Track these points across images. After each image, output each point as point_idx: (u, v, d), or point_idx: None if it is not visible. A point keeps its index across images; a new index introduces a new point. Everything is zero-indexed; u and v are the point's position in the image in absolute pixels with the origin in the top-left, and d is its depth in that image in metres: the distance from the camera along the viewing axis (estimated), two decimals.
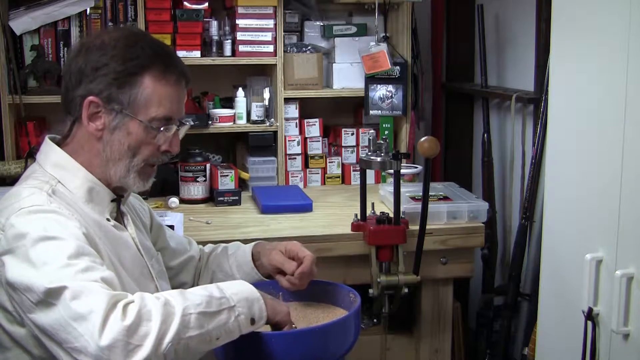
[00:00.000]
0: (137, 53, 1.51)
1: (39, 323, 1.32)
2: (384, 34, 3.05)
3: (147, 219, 1.81)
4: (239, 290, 1.43)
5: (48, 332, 1.31)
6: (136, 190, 1.62)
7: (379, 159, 2.27)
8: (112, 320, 1.24)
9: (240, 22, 2.88)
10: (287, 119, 3.01)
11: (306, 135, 3.09)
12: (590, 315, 1.71)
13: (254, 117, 2.94)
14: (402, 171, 2.49)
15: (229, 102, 2.99)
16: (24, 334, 1.42)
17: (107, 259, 1.47)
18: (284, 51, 2.96)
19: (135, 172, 1.55)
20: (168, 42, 2.79)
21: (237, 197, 2.74)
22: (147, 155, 1.55)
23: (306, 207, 2.62)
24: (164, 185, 2.83)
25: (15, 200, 1.44)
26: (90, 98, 1.49)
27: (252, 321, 1.42)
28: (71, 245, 1.35)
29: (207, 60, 2.89)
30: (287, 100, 2.99)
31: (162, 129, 1.54)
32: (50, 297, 1.28)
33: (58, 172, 1.52)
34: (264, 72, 3.05)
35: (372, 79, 3.04)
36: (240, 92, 2.93)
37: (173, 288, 1.78)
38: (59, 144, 1.57)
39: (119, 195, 1.61)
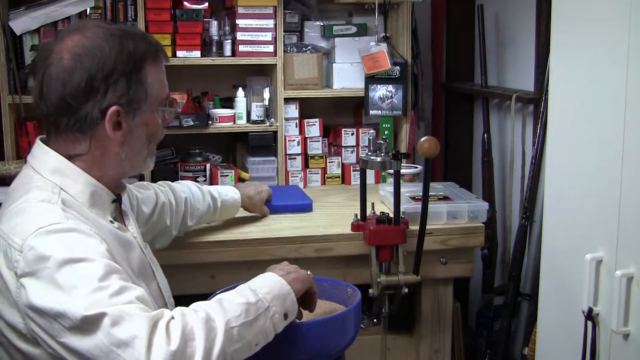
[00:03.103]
0: (131, 46, 1.47)
1: (74, 348, 1.27)
2: (384, 34, 3.05)
3: (134, 201, 1.84)
4: (270, 288, 1.42)
5: (85, 357, 1.27)
6: (147, 170, 1.65)
7: (379, 159, 2.26)
8: (157, 345, 1.22)
9: (240, 22, 2.88)
10: (287, 119, 3.01)
11: (306, 135, 3.08)
12: (590, 315, 1.71)
13: (254, 117, 2.94)
14: (402, 171, 2.49)
15: (229, 102, 2.99)
16: (39, 354, 1.37)
17: (122, 267, 1.44)
18: (284, 51, 2.95)
19: (151, 155, 1.59)
20: (168, 42, 2.79)
21: None
22: (159, 137, 1.58)
23: (306, 207, 2.62)
24: None
25: (27, 217, 1.37)
26: (114, 108, 1.44)
27: (285, 316, 1.42)
28: (99, 266, 1.30)
29: (207, 60, 2.89)
30: (287, 100, 2.99)
31: (171, 109, 1.58)
32: (88, 324, 1.24)
33: (58, 179, 1.46)
34: (264, 72, 3.04)
35: (372, 79, 3.04)
36: (240, 92, 2.93)
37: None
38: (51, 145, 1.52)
39: (117, 194, 1.60)
